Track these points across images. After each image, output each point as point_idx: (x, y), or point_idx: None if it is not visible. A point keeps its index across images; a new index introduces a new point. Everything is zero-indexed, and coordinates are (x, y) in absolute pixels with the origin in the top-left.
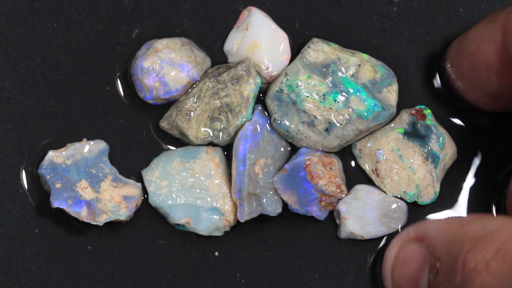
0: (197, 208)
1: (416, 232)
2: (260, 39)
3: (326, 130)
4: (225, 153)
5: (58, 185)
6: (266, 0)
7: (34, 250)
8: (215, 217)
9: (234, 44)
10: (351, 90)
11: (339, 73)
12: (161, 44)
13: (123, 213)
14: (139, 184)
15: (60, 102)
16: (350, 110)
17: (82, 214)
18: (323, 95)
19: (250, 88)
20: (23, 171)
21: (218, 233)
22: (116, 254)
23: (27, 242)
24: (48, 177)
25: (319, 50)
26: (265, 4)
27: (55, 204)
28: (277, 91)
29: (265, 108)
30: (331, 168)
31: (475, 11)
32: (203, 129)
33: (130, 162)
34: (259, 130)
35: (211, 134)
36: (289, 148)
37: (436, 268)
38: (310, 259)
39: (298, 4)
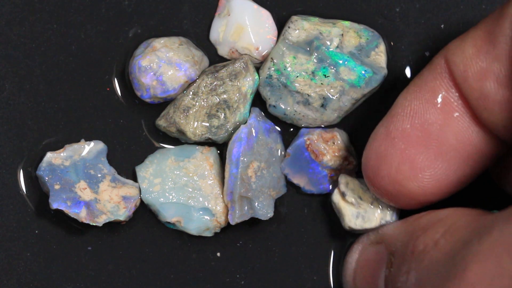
0: (189, 207)
1: (375, 234)
2: (244, 22)
3: (322, 105)
4: (218, 151)
5: (56, 186)
6: (267, 0)
7: (34, 251)
8: (206, 217)
9: (219, 32)
10: (339, 62)
11: (324, 47)
12: (159, 43)
13: (122, 214)
14: (138, 184)
15: (60, 103)
16: (342, 81)
17: (81, 215)
18: (312, 72)
19: (248, 84)
20: (22, 172)
21: (208, 234)
22: (116, 255)
23: (27, 243)
24: (46, 178)
25: (299, 29)
26: (266, 3)
27: (54, 205)
28: (267, 77)
29: (258, 95)
30: (333, 143)
31: (475, 12)
32: (201, 125)
33: (129, 162)
34: (254, 134)
35: (209, 131)
36: (283, 152)
37: (391, 262)
38: (309, 260)
39: (297, 2)
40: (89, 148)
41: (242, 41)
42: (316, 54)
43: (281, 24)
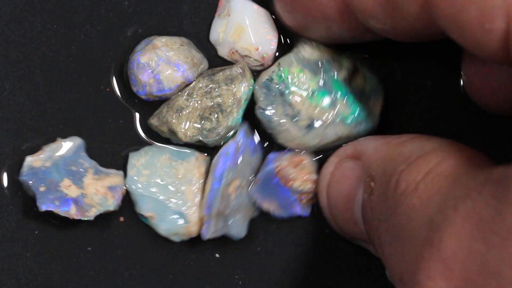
0: (166, 207)
1: (353, 149)
2: (244, 22)
3: (308, 126)
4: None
5: (42, 189)
6: (267, 1)
7: (34, 251)
8: (179, 222)
9: (219, 32)
10: (340, 93)
11: (331, 74)
12: (160, 41)
13: (111, 203)
14: (121, 172)
15: (60, 103)
16: (334, 112)
17: (71, 212)
18: (312, 92)
19: (243, 89)
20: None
21: (175, 239)
22: (116, 255)
23: (27, 243)
24: (30, 182)
25: (315, 48)
26: (266, 3)
27: (43, 207)
28: (267, 79)
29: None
30: (303, 167)
31: None
32: (192, 126)
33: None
34: (240, 151)
35: (201, 133)
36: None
37: (371, 188)
38: (309, 261)
39: None
40: (66, 145)
41: (242, 41)
42: (322, 76)
43: (281, 24)
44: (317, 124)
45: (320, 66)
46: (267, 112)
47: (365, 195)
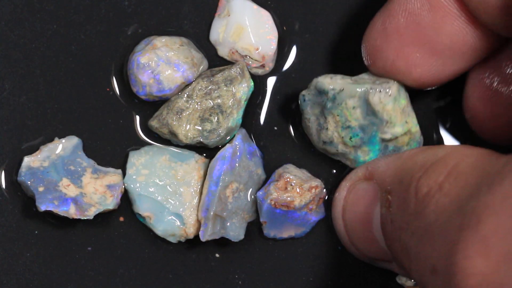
0: (164, 207)
1: (364, 170)
2: (244, 22)
3: (325, 142)
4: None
5: (40, 189)
6: (267, 1)
7: (34, 251)
8: (176, 223)
9: (219, 32)
10: (370, 143)
11: (377, 129)
12: (160, 41)
13: (111, 202)
14: (119, 171)
15: (60, 104)
16: (353, 151)
17: (71, 211)
18: (348, 126)
19: (243, 90)
20: None
21: (172, 240)
22: (115, 255)
23: (27, 243)
24: (29, 182)
25: (381, 103)
26: (266, 4)
27: (42, 207)
28: (324, 88)
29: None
30: (291, 185)
31: None
32: (193, 128)
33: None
34: (238, 154)
35: (201, 134)
36: (263, 178)
37: (388, 201)
38: (308, 261)
39: (297, 3)
40: (63, 145)
41: (242, 41)
42: (366, 123)
43: (281, 25)
44: (334, 147)
45: (373, 118)
46: (305, 104)
47: (383, 209)
